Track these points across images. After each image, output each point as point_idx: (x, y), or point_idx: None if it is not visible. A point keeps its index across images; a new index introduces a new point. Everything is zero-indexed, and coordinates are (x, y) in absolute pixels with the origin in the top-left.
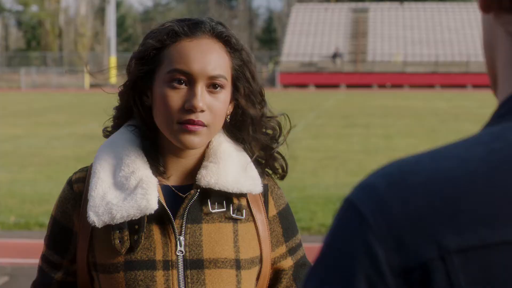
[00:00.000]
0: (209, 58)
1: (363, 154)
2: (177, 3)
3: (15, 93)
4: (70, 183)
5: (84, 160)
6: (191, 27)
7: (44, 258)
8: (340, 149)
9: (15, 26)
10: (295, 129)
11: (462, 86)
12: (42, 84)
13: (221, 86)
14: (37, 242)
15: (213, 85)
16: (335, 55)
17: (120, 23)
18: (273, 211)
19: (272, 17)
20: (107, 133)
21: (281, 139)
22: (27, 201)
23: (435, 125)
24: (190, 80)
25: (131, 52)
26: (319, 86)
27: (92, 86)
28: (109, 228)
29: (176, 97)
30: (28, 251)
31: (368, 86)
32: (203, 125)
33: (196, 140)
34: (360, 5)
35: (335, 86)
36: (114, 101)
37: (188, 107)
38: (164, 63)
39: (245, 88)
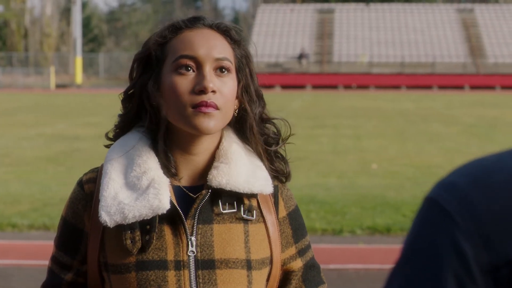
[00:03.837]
0: (213, 42)
1: (333, 155)
2: (142, 4)
3: None
4: (80, 183)
5: (54, 160)
6: (191, 20)
7: (54, 259)
8: (310, 150)
9: None
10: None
11: (428, 87)
12: (8, 84)
13: (228, 70)
14: (10, 243)
15: (220, 69)
16: (301, 56)
17: (86, 24)
18: (283, 212)
19: (238, 18)
20: (110, 140)
21: (281, 141)
22: None
23: (403, 126)
24: (197, 65)
25: (97, 53)
26: (285, 87)
27: (58, 86)
28: (121, 228)
29: (185, 82)
30: (1, 252)
31: (334, 87)
32: (216, 107)
33: (211, 124)
34: (325, 6)
35: (301, 87)
36: (84, 101)
37: (199, 89)
38: (169, 56)
39: (246, 82)
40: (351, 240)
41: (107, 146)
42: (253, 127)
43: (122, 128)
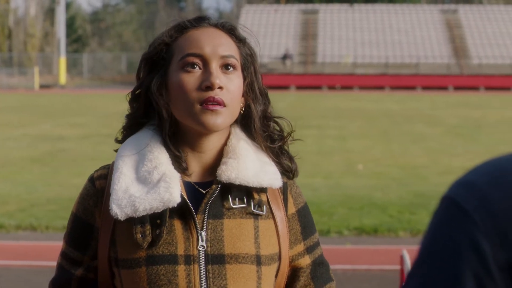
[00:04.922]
0: (219, 40)
1: (318, 156)
2: (126, 4)
3: None
4: (91, 180)
5: (39, 161)
6: (196, 20)
7: (63, 255)
8: (295, 151)
9: None
10: None
11: (412, 87)
12: None
13: (234, 67)
14: None
15: (226, 66)
16: (285, 57)
17: (70, 24)
18: (292, 209)
19: (222, 18)
20: (119, 143)
21: (286, 137)
22: None
23: (388, 126)
24: (203, 63)
25: (80, 53)
26: (269, 87)
27: (42, 87)
28: (131, 223)
29: (191, 79)
30: None
31: (318, 87)
32: (223, 104)
33: (218, 121)
34: (309, 6)
35: (285, 87)
36: (68, 102)
37: (206, 85)
38: (175, 55)
39: (251, 79)
40: (338, 241)
41: (116, 150)
42: (256, 124)
43: (130, 128)
